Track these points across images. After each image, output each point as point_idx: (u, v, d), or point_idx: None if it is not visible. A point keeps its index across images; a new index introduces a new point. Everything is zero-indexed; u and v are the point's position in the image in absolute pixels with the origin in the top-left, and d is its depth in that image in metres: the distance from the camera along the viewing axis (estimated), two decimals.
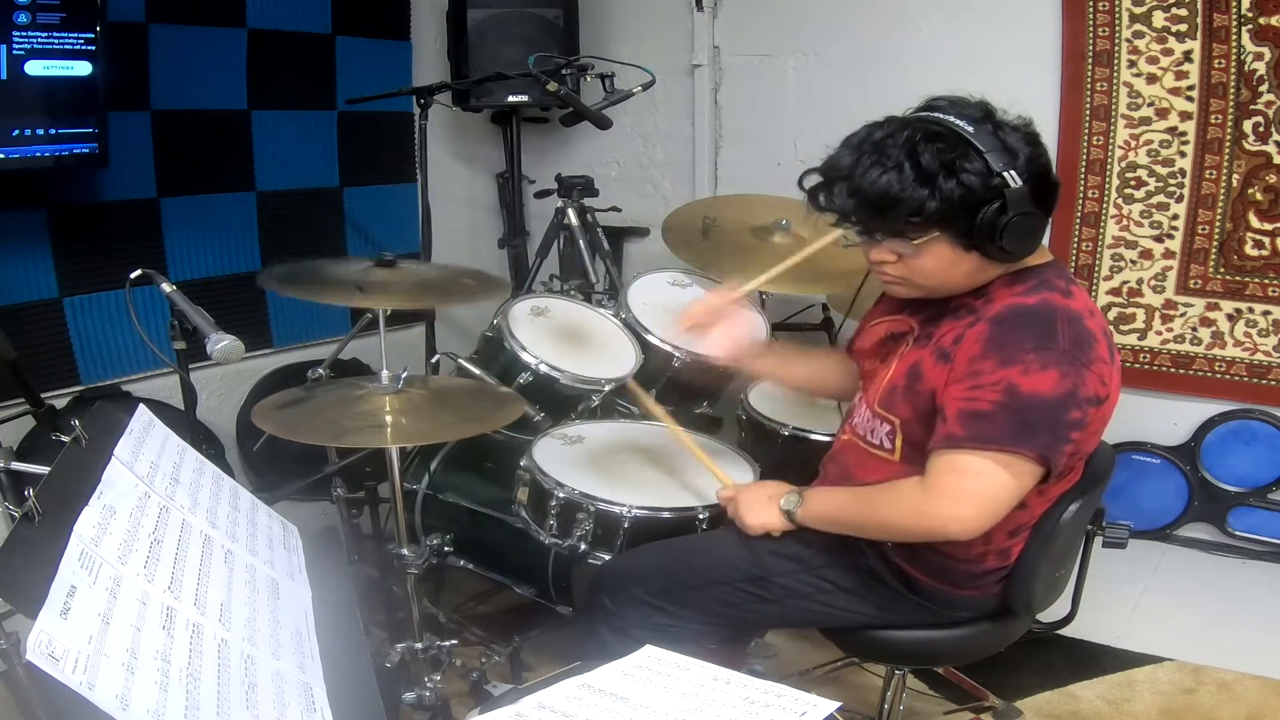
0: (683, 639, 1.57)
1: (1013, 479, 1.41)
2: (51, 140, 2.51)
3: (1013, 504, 1.44)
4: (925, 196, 1.37)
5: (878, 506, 1.53)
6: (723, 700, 0.90)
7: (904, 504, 1.48)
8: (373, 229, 3.59)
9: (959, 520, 1.42)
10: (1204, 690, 2.23)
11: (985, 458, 1.39)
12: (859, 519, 1.56)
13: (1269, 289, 2.73)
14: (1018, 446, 1.38)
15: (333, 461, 2.37)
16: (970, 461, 1.40)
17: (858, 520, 1.56)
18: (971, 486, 1.41)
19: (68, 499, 0.99)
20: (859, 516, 1.56)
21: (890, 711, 1.84)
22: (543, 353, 2.26)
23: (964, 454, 1.41)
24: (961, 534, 1.44)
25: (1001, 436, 1.38)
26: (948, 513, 1.43)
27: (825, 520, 1.60)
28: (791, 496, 1.62)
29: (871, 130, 1.45)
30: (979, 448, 1.39)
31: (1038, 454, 1.39)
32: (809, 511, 1.60)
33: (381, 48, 3.58)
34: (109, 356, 2.96)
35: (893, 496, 1.50)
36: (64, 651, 0.79)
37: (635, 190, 3.58)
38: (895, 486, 1.51)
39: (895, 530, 1.53)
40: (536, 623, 2.35)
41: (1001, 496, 1.42)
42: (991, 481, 1.40)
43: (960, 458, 1.41)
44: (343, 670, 1.14)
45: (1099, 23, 2.76)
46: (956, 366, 1.44)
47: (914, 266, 1.47)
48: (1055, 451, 1.40)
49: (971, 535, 1.45)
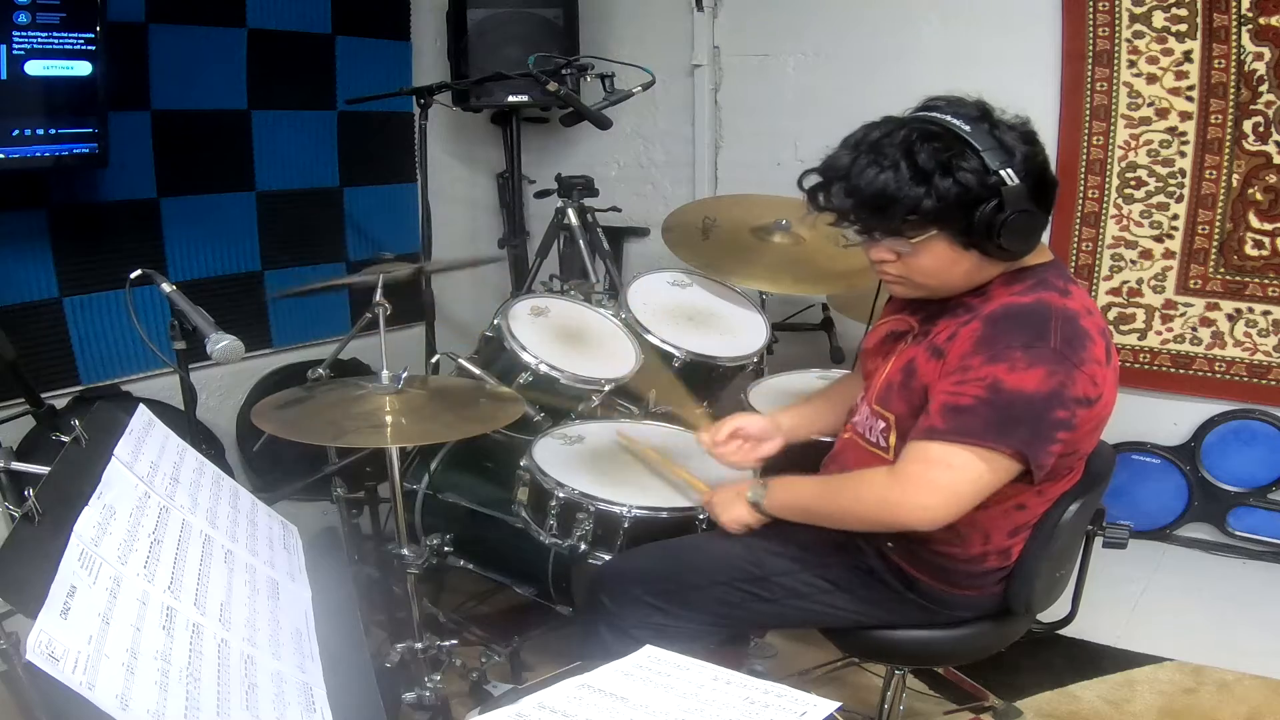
0: (683, 639, 1.56)
1: (986, 473, 1.40)
2: (51, 140, 2.51)
3: (980, 497, 1.43)
4: (921, 195, 1.38)
5: (842, 494, 1.53)
6: (723, 700, 0.90)
7: (869, 492, 1.48)
8: (373, 229, 3.59)
9: (924, 509, 1.42)
10: (1204, 690, 2.23)
11: (957, 449, 1.39)
12: (825, 507, 1.56)
13: (1269, 289, 2.73)
14: (994, 442, 1.38)
15: (333, 461, 2.37)
16: (941, 452, 1.40)
17: (823, 508, 1.56)
18: (939, 477, 1.41)
19: (68, 499, 0.99)
20: (825, 504, 1.56)
21: (890, 711, 1.84)
22: (543, 353, 2.26)
23: (936, 444, 1.40)
24: (924, 524, 1.43)
25: (980, 431, 1.38)
26: (912, 501, 1.42)
27: (791, 509, 1.60)
28: (756, 488, 1.62)
29: (869, 130, 1.45)
30: (953, 440, 1.39)
31: (1015, 450, 1.39)
32: (774, 501, 1.61)
33: (381, 48, 3.58)
34: (109, 356, 2.96)
35: (859, 485, 1.51)
36: (64, 651, 0.79)
37: (635, 190, 3.58)
38: (862, 475, 1.51)
39: (860, 518, 1.52)
40: (536, 623, 2.35)
41: (967, 490, 1.41)
42: (959, 474, 1.40)
43: (932, 448, 1.41)
44: (343, 670, 1.14)
45: (1099, 23, 2.76)
46: (948, 362, 1.44)
47: (913, 265, 1.48)
48: (1037, 450, 1.39)
49: (934, 526, 1.44)
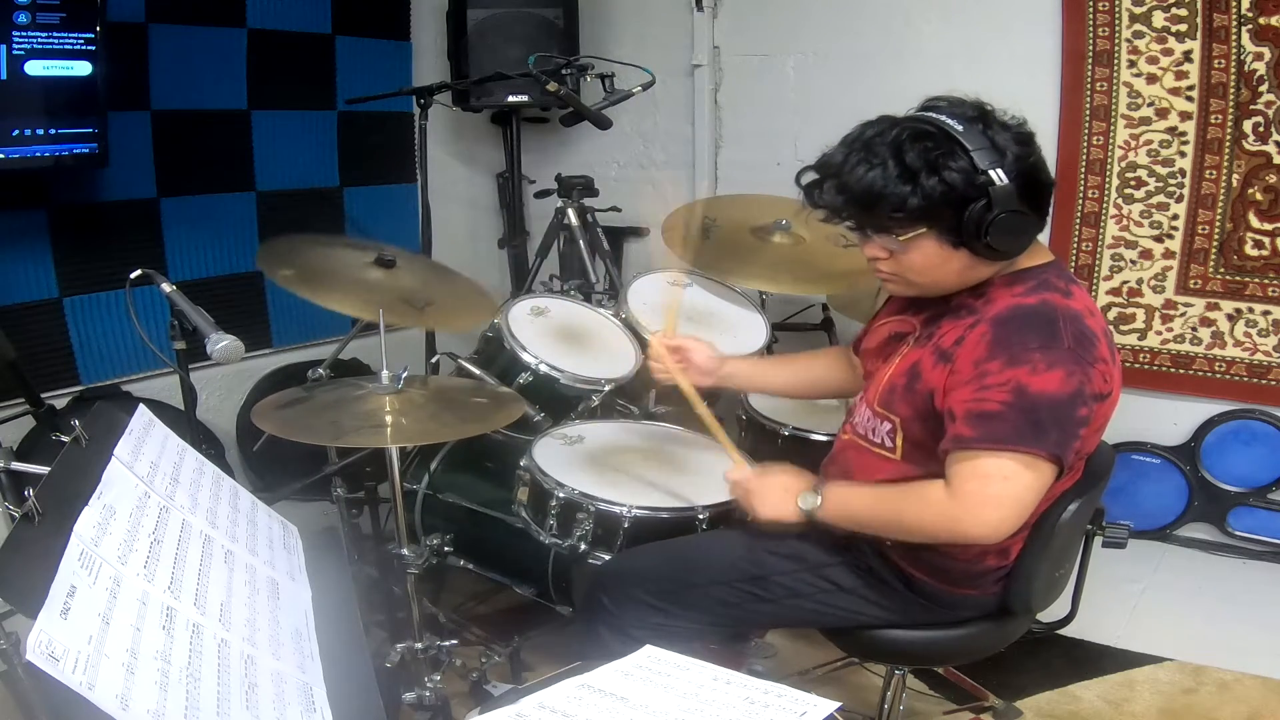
0: (683, 639, 1.57)
1: (1035, 479, 1.41)
2: (51, 140, 2.52)
3: (1035, 504, 1.44)
4: (907, 193, 1.39)
5: (904, 511, 1.51)
6: (723, 700, 0.90)
7: (931, 509, 1.46)
8: (373, 229, 3.58)
9: (988, 524, 1.42)
10: (1204, 690, 2.23)
11: (1007, 460, 1.39)
12: (883, 521, 1.55)
13: (1269, 289, 2.73)
14: (1032, 446, 1.38)
15: (333, 461, 2.37)
16: (994, 465, 1.40)
17: (882, 522, 1.55)
18: (999, 491, 1.41)
19: (68, 499, 0.99)
20: (883, 518, 1.54)
21: (890, 711, 1.84)
22: (543, 353, 2.26)
23: (985, 457, 1.40)
24: (989, 538, 1.44)
25: (1014, 436, 1.38)
26: (978, 518, 1.42)
27: (846, 520, 1.58)
28: (810, 496, 1.59)
29: (864, 129, 1.47)
30: (995, 449, 1.39)
31: (1051, 453, 1.39)
32: (828, 512, 1.58)
33: (381, 48, 3.58)
34: (109, 356, 2.96)
35: (919, 501, 1.49)
36: (64, 651, 0.79)
37: (635, 190, 3.58)
38: (920, 490, 1.49)
39: (921, 534, 1.51)
40: (536, 623, 2.34)
41: (1027, 498, 1.42)
42: (1018, 484, 1.40)
43: (983, 462, 1.40)
44: (343, 670, 1.14)
45: (1099, 23, 2.76)
46: (959, 369, 1.44)
47: (904, 263, 1.48)
48: (1066, 449, 1.40)
49: (999, 539, 1.45)
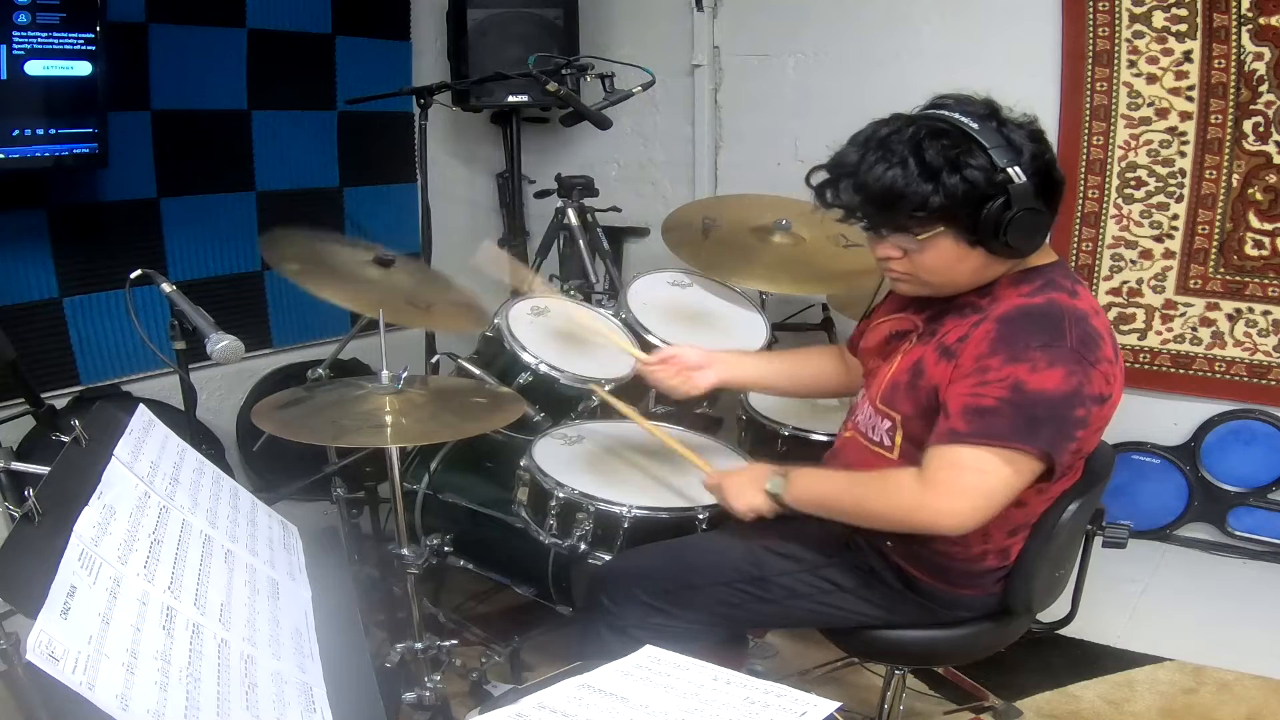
0: (683, 639, 1.56)
1: (1013, 475, 1.40)
2: (51, 140, 2.52)
3: (1009, 500, 1.44)
4: (929, 192, 1.38)
5: (870, 496, 1.52)
6: (723, 700, 0.90)
7: (899, 496, 1.47)
8: (373, 229, 3.58)
9: (955, 514, 1.42)
10: (1204, 690, 2.23)
11: (986, 453, 1.39)
12: (849, 506, 1.55)
13: (1269, 289, 2.73)
14: (1021, 443, 1.38)
15: (333, 461, 2.37)
16: (970, 456, 1.40)
17: (848, 507, 1.55)
18: (970, 481, 1.40)
19: (68, 499, 0.99)
20: (849, 503, 1.55)
21: (890, 711, 1.84)
22: (543, 353, 2.25)
23: (964, 448, 1.40)
24: (955, 529, 1.44)
25: (1007, 433, 1.38)
26: (944, 507, 1.42)
27: (813, 504, 1.59)
28: (776, 479, 1.61)
29: (877, 127, 1.46)
30: (981, 443, 1.39)
31: (1041, 450, 1.39)
32: (795, 494, 1.59)
33: (381, 48, 3.58)
34: (109, 356, 2.96)
35: (887, 487, 1.49)
36: (64, 651, 0.79)
37: (635, 190, 3.58)
38: (890, 477, 1.50)
39: (887, 520, 1.51)
40: (536, 623, 2.35)
41: (999, 492, 1.41)
42: (991, 477, 1.40)
43: (960, 452, 1.40)
44: (343, 670, 1.13)
45: (1099, 23, 2.76)
46: (962, 364, 1.44)
47: (919, 262, 1.48)
48: (1059, 449, 1.40)
49: (964, 530, 1.44)
